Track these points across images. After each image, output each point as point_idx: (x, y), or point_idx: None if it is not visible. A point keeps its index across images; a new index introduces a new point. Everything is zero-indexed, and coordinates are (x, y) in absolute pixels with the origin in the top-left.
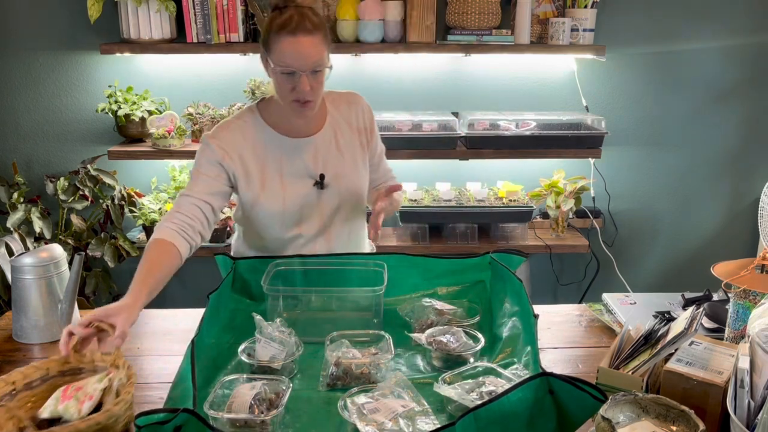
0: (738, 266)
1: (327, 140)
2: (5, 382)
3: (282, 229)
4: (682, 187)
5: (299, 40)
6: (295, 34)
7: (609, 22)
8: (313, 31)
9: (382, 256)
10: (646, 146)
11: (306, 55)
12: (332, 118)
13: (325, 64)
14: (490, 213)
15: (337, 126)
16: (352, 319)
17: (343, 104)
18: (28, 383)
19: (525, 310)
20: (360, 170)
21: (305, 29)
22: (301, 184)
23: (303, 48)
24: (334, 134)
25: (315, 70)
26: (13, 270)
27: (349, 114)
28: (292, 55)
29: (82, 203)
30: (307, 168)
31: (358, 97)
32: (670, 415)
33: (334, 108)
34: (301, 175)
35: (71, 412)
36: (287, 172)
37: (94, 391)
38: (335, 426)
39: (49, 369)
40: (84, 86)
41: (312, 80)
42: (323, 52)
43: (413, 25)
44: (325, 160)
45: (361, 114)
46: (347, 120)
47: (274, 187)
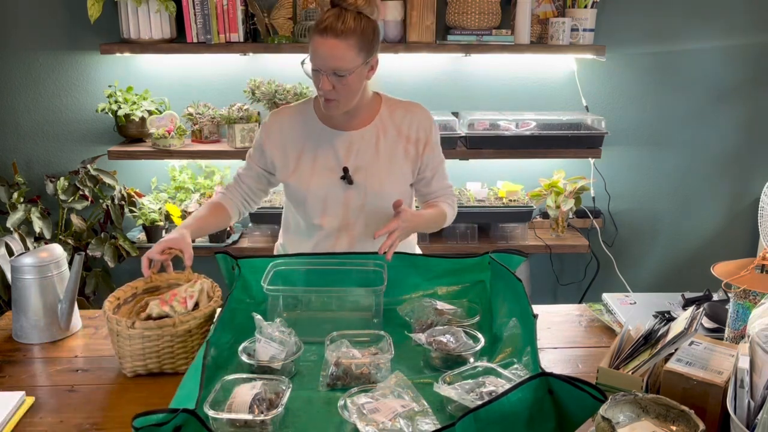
0: (738, 266)
1: (367, 138)
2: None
3: (306, 216)
4: (682, 187)
5: (325, 41)
6: (323, 35)
7: (609, 22)
8: (343, 34)
9: (382, 256)
10: (646, 146)
11: (327, 56)
12: (381, 120)
13: (348, 69)
14: (490, 213)
15: (384, 129)
16: (352, 319)
17: (399, 110)
18: (126, 298)
19: (525, 310)
20: (395, 176)
21: (335, 31)
22: (328, 173)
23: (326, 49)
24: (377, 135)
25: (336, 73)
26: (13, 270)
27: (402, 121)
28: (316, 53)
29: (82, 203)
30: (338, 159)
31: (420, 107)
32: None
33: (387, 111)
34: (331, 166)
35: (179, 309)
36: (320, 160)
37: (193, 292)
38: (335, 426)
39: (137, 287)
40: (84, 86)
41: (335, 81)
42: (350, 57)
43: (413, 25)
44: (358, 156)
45: (416, 124)
46: (398, 126)
47: (304, 171)
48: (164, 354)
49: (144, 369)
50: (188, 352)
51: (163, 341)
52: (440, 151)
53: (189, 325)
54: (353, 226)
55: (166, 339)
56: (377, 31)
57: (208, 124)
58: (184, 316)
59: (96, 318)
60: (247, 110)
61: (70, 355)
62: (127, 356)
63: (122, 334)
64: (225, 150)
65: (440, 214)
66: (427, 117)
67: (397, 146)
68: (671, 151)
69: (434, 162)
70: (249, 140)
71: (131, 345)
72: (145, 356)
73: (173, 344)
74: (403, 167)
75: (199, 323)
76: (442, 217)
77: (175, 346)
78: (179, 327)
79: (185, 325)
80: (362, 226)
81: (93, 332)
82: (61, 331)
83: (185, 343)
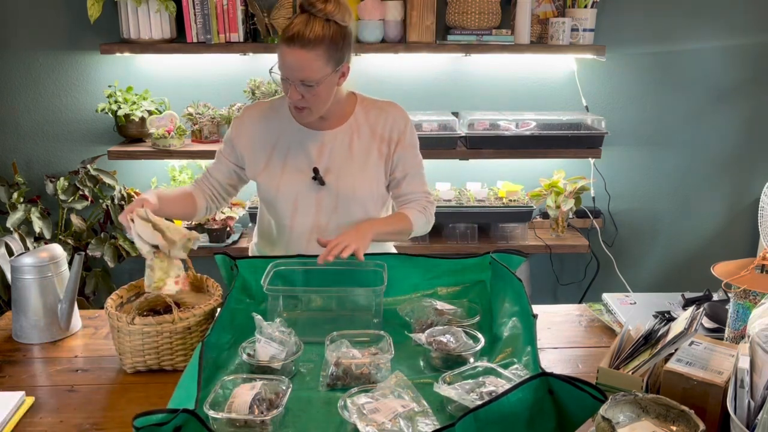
0: (738, 266)
1: (340, 139)
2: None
3: (276, 217)
4: (682, 187)
5: (292, 51)
6: (290, 44)
7: (609, 22)
8: (311, 44)
9: (382, 256)
10: (646, 146)
11: (295, 67)
12: (355, 120)
13: (316, 79)
14: (490, 213)
15: (358, 129)
16: (352, 319)
17: (374, 110)
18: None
19: (525, 310)
20: (368, 178)
21: (302, 40)
22: (299, 174)
23: (293, 60)
24: (351, 136)
25: (304, 83)
26: (13, 270)
27: (377, 121)
28: (283, 63)
29: (82, 203)
30: (309, 160)
31: (395, 107)
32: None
33: (362, 112)
34: (302, 167)
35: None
36: (291, 159)
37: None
38: (335, 426)
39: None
40: (84, 86)
41: (304, 91)
42: (317, 67)
43: (413, 25)
44: (330, 157)
45: (390, 122)
46: (372, 126)
47: (274, 170)
48: (163, 350)
49: (143, 365)
50: (187, 349)
51: (162, 338)
52: (416, 154)
53: (188, 323)
54: (325, 228)
55: (165, 335)
56: (348, 37)
57: (208, 124)
58: (183, 312)
59: (96, 318)
60: None
61: (70, 355)
62: (127, 352)
63: (122, 330)
64: None
65: (402, 222)
66: (403, 116)
67: (372, 147)
68: (671, 151)
69: (406, 163)
70: None
71: (131, 341)
72: (144, 352)
73: (172, 341)
74: (377, 169)
75: (198, 321)
76: (405, 224)
77: (174, 342)
78: (178, 324)
79: (184, 322)
80: (335, 228)
81: (93, 332)
82: (61, 331)
83: (184, 340)
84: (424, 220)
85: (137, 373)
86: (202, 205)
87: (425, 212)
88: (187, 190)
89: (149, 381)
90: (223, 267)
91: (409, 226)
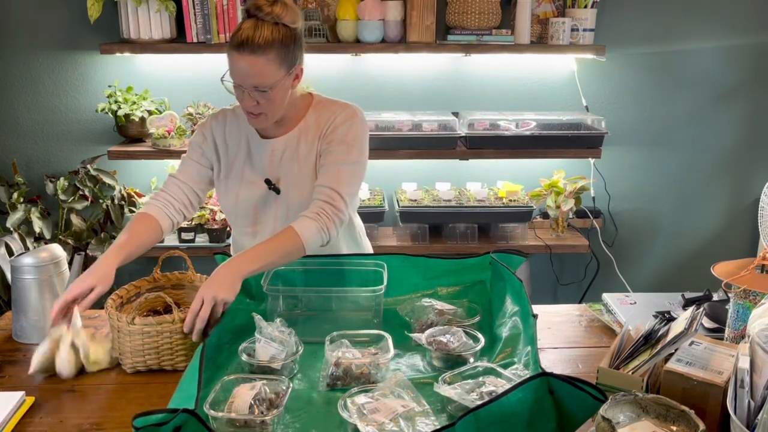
0: (738, 266)
1: (287, 145)
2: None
3: (238, 224)
4: (682, 187)
5: (243, 58)
6: (240, 50)
7: (609, 22)
8: (261, 49)
9: (382, 256)
10: (646, 146)
11: (246, 74)
12: (305, 124)
13: (269, 84)
14: (490, 213)
15: (305, 132)
16: (352, 319)
17: (326, 112)
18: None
19: (525, 310)
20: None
21: (252, 47)
22: (256, 184)
23: (244, 66)
24: (298, 141)
25: (258, 89)
26: (13, 270)
27: (322, 120)
28: (234, 70)
29: (82, 203)
30: (263, 170)
31: (347, 108)
32: (670, 415)
33: (314, 114)
34: (258, 176)
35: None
36: (249, 170)
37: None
38: (335, 426)
39: (140, 287)
40: (84, 86)
41: (258, 97)
42: (270, 72)
43: (413, 25)
44: (279, 165)
45: (332, 120)
46: (318, 126)
47: (234, 180)
48: (163, 350)
49: (143, 365)
50: (187, 349)
51: (162, 338)
52: (344, 152)
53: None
54: None
55: (165, 335)
56: (299, 39)
57: None
58: (184, 312)
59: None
60: None
61: None
62: (128, 352)
63: (122, 330)
64: None
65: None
66: (347, 115)
67: (314, 149)
68: (671, 151)
69: (327, 156)
70: None
71: (131, 341)
72: (144, 352)
73: (172, 341)
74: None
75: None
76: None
77: (174, 342)
78: (178, 324)
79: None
80: None
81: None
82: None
83: (184, 340)
84: (315, 228)
85: (137, 373)
86: (167, 225)
87: (318, 218)
88: (148, 217)
89: (149, 381)
90: None
91: (296, 241)
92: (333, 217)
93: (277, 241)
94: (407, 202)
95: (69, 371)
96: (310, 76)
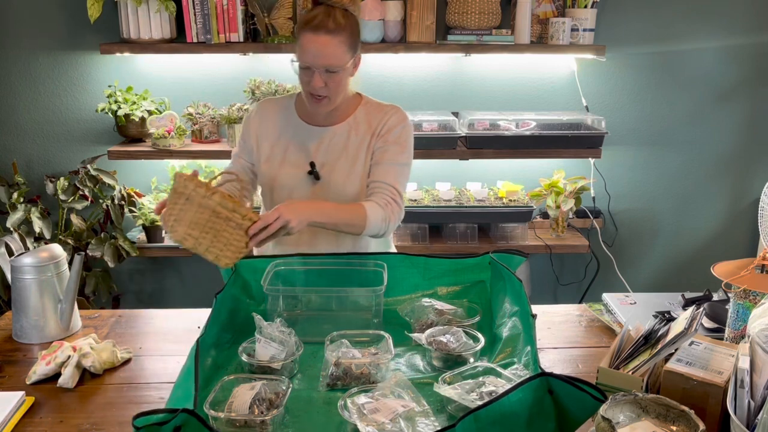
0: (738, 266)
1: (338, 135)
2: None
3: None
4: (682, 187)
5: (318, 38)
6: (315, 32)
7: (609, 22)
8: (335, 31)
9: (382, 256)
10: (646, 146)
11: (321, 53)
12: (355, 120)
13: (341, 65)
14: (490, 213)
15: (356, 127)
16: (352, 319)
17: (377, 112)
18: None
19: (525, 310)
20: (358, 174)
21: (326, 28)
22: (296, 167)
23: (318, 46)
24: (348, 133)
25: (329, 69)
26: (13, 270)
27: (374, 118)
28: (308, 51)
29: (82, 203)
30: (307, 154)
31: (396, 109)
32: (670, 415)
33: (364, 112)
34: (300, 161)
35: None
36: (291, 152)
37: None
38: (335, 426)
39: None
40: (84, 86)
41: (327, 78)
42: (341, 53)
43: (413, 25)
44: (326, 153)
45: (385, 120)
46: (370, 124)
47: (274, 161)
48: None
49: (193, 242)
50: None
51: (228, 225)
52: (398, 151)
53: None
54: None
55: (231, 224)
56: (359, 29)
57: (208, 124)
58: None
59: (96, 318)
60: (247, 110)
61: None
62: (186, 222)
63: (193, 200)
64: (225, 150)
65: (354, 212)
66: (399, 117)
67: (364, 143)
68: (671, 151)
69: (383, 154)
70: None
71: (198, 213)
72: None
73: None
74: (366, 165)
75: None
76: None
77: (232, 236)
78: (247, 222)
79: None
80: None
81: (93, 332)
82: (61, 331)
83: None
84: (381, 215)
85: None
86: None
87: (386, 208)
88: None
89: (149, 381)
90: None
91: (362, 217)
92: (396, 212)
93: (345, 208)
94: (407, 202)
95: (72, 384)
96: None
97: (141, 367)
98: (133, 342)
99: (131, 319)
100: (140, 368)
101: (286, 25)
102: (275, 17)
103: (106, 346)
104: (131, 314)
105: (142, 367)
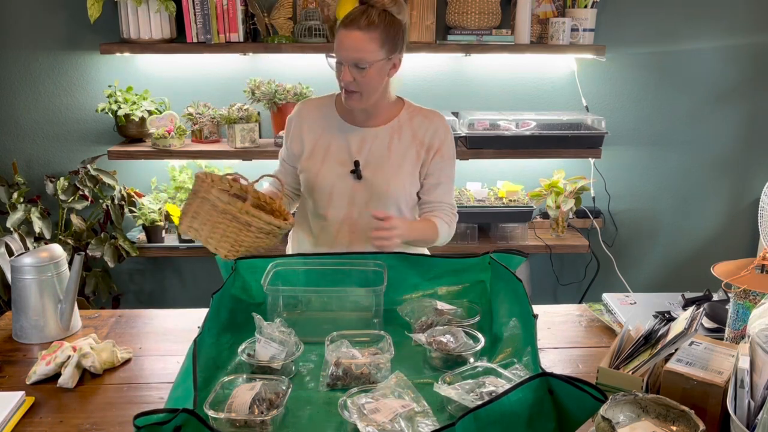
0: (738, 266)
1: (381, 137)
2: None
3: (314, 204)
4: (682, 187)
5: (349, 33)
6: (348, 28)
7: (609, 22)
8: (367, 28)
9: (382, 256)
10: (646, 146)
11: (349, 48)
12: (398, 123)
13: (369, 61)
14: (490, 213)
15: (399, 131)
16: (352, 319)
17: (419, 116)
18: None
19: (525, 310)
20: (403, 177)
21: (359, 24)
22: (339, 165)
23: (348, 41)
24: (391, 136)
25: (357, 65)
26: (13, 270)
27: (419, 126)
28: (340, 45)
29: (82, 203)
30: (350, 153)
31: (440, 116)
32: (670, 415)
33: (407, 116)
34: (342, 159)
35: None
36: (332, 151)
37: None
38: (335, 426)
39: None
40: (84, 86)
41: (355, 73)
42: (371, 50)
43: (413, 25)
44: (369, 153)
45: (432, 130)
46: (414, 130)
47: (316, 159)
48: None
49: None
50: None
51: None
52: (451, 166)
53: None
54: (355, 222)
55: (228, 217)
56: (403, 31)
57: (208, 124)
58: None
59: (96, 318)
60: (247, 110)
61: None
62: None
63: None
64: (225, 150)
65: (431, 228)
66: (445, 127)
67: (410, 149)
68: (671, 151)
69: (440, 173)
70: (249, 140)
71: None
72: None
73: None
74: (412, 171)
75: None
76: (433, 231)
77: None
78: (242, 216)
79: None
80: (364, 222)
81: (93, 332)
82: (61, 331)
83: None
84: (447, 232)
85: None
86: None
87: (450, 225)
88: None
89: (149, 381)
90: (223, 267)
91: (436, 235)
92: (454, 228)
93: (427, 226)
94: None
95: (72, 384)
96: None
97: (141, 367)
98: (133, 342)
99: (131, 319)
100: (140, 368)
101: (286, 25)
102: (275, 17)
103: (106, 346)
104: (131, 314)
105: (142, 367)
